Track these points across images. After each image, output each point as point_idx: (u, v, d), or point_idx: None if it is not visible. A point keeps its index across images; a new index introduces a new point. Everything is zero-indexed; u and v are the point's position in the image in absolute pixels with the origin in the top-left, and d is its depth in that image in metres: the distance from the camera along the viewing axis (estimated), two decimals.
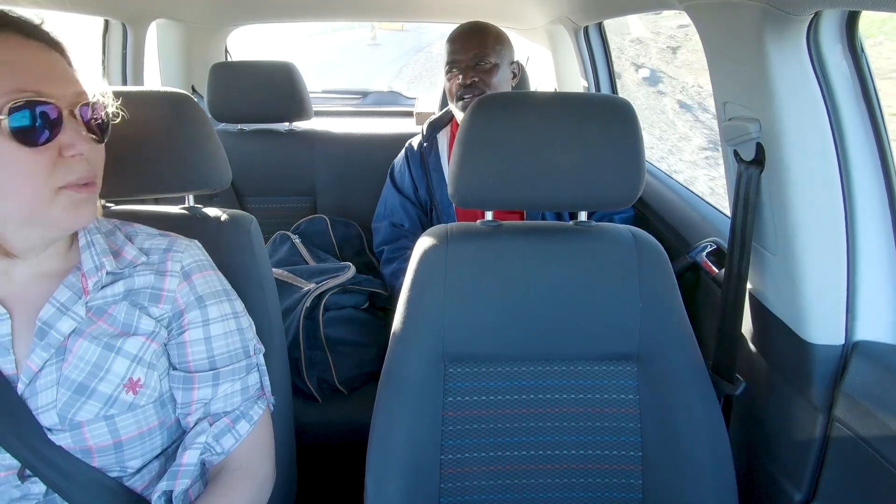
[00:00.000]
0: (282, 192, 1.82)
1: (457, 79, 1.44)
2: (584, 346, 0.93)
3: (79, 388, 0.67)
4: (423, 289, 0.93)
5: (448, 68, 1.47)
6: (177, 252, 0.76)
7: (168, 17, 1.93)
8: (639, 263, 0.93)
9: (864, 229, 0.84)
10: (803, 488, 0.90)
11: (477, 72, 1.42)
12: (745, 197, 0.91)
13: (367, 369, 1.37)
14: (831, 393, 0.85)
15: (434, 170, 1.54)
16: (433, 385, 0.91)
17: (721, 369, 1.00)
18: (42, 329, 0.67)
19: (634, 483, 0.91)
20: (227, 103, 1.71)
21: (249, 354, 0.79)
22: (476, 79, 1.42)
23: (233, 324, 0.78)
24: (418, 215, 1.58)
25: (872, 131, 0.82)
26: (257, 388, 0.79)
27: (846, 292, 0.85)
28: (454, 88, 1.46)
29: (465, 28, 1.48)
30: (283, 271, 1.44)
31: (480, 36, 1.45)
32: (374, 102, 3.01)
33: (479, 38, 1.44)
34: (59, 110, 0.61)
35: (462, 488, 0.91)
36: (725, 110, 0.95)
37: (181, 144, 0.88)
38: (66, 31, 0.68)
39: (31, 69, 0.61)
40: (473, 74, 1.42)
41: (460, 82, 1.43)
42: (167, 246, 0.76)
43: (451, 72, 1.46)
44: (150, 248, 0.75)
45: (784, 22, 0.77)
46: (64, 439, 0.67)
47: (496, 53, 1.45)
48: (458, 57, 1.44)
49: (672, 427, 0.89)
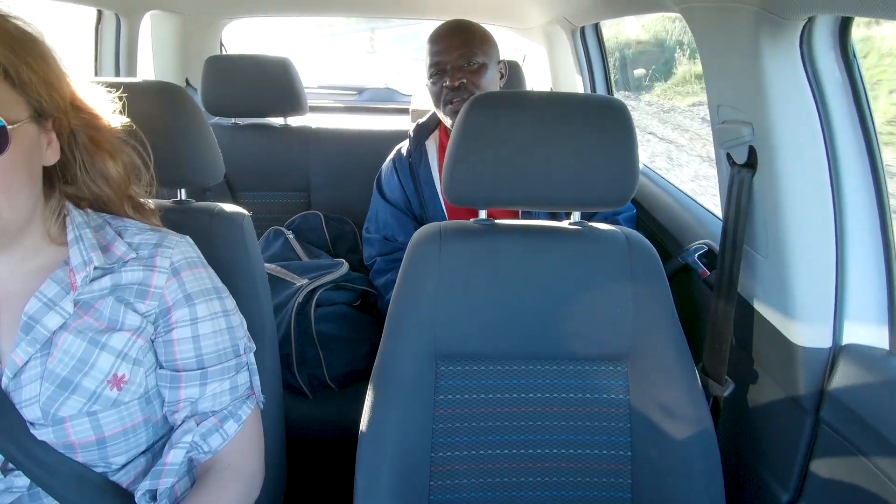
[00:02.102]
0: (275, 188, 1.81)
1: (443, 81, 1.32)
2: (575, 346, 0.93)
3: (63, 382, 0.66)
4: (416, 286, 0.93)
5: (432, 71, 1.35)
6: (167, 248, 0.74)
7: (163, 8, 1.91)
8: (631, 264, 0.94)
9: (854, 234, 0.84)
10: (790, 488, 0.91)
11: (464, 73, 1.31)
12: (737, 200, 0.92)
13: (359, 366, 1.37)
14: (818, 395, 0.86)
15: (426, 184, 1.43)
16: (424, 383, 0.91)
17: (710, 370, 1.01)
18: (28, 324, 0.66)
19: (623, 482, 0.92)
20: (222, 97, 1.70)
21: (239, 353, 0.78)
22: (464, 80, 1.31)
23: (222, 322, 0.76)
24: (413, 226, 1.42)
25: (863, 136, 0.83)
26: (247, 388, 0.78)
27: (834, 296, 0.86)
28: (440, 92, 1.33)
29: (447, 27, 1.36)
30: (275, 266, 1.43)
31: (465, 35, 1.33)
32: (369, 99, 3.00)
33: (463, 37, 1.33)
34: None
35: (452, 486, 0.91)
36: (719, 113, 0.95)
37: (174, 138, 0.88)
38: (58, 20, 0.66)
39: None
40: (461, 76, 1.31)
41: (447, 85, 1.31)
42: (157, 241, 0.75)
43: (436, 74, 1.34)
44: (139, 243, 0.74)
45: (778, 26, 0.77)
46: (46, 434, 0.66)
47: (483, 53, 1.33)
48: (443, 58, 1.32)
49: (661, 427, 0.90)
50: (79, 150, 0.71)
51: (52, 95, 0.65)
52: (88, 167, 0.72)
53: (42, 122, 0.65)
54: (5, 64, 0.60)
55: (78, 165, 0.71)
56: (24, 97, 0.63)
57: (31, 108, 0.64)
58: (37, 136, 0.65)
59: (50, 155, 0.67)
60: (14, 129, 0.60)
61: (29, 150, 0.63)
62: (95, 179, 0.73)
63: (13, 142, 0.60)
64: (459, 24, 1.37)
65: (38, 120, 0.65)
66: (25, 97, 0.63)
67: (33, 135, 0.64)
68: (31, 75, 0.62)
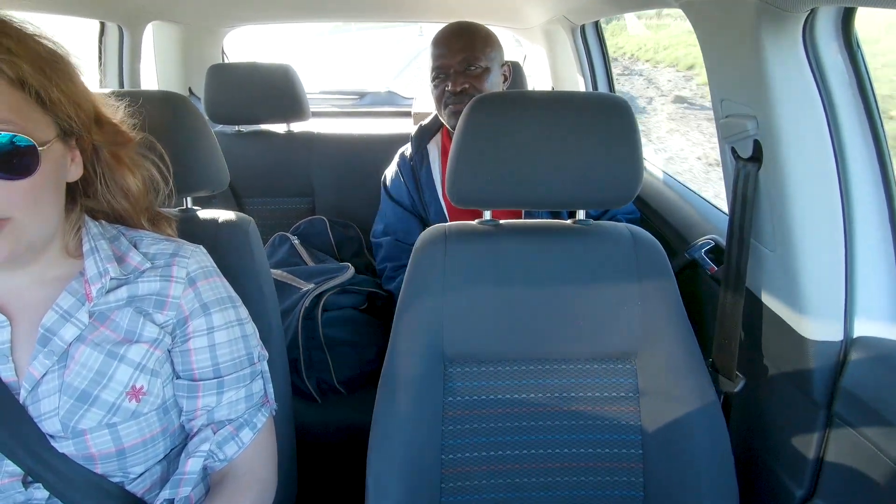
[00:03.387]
0: (280, 194, 1.82)
1: (445, 85, 1.33)
2: (583, 345, 0.93)
3: (81, 395, 0.66)
4: (422, 288, 0.93)
5: (435, 74, 1.36)
6: (182, 258, 0.75)
7: (164, 19, 1.93)
8: (637, 261, 0.93)
9: (862, 225, 0.84)
10: (804, 484, 0.90)
11: (467, 77, 1.32)
12: (743, 194, 0.92)
13: (367, 369, 1.37)
14: (831, 389, 0.85)
15: (427, 187, 1.44)
16: (433, 385, 0.91)
17: (720, 366, 1.00)
18: (45, 336, 0.66)
19: (635, 481, 0.91)
20: (225, 105, 1.71)
21: (254, 362, 0.78)
22: (466, 85, 1.31)
23: (237, 331, 0.77)
24: (419, 227, 1.45)
25: (869, 127, 0.82)
26: (261, 396, 0.79)
27: (844, 288, 0.85)
28: (442, 95, 1.35)
29: (451, 29, 1.36)
30: (281, 272, 1.43)
31: (469, 38, 1.34)
32: (371, 103, 3.01)
33: (467, 40, 1.33)
34: None
35: (463, 488, 0.91)
36: (722, 107, 0.95)
37: (179, 146, 0.88)
38: (63, 32, 0.67)
39: None
40: (463, 80, 1.31)
41: (450, 89, 1.32)
42: (173, 251, 0.75)
43: (439, 77, 1.35)
44: (155, 253, 0.75)
45: (780, 19, 0.77)
46: (67, 447, 0.67)
47: (486, 56, 1.34)
48: (446, 61, 1.33)
49: (672, 424, 0.89)
50: (100, 166, 0.72)
51: (78, 114, 0.66)
52: (109, 182, 0.73)
53: (67, 139, 0.66)
54: (37, 86, 0.61)
55: (99, 180, 0.72)
56: (52, 117, 0.64)
57: (59, 128, 0.65)
58: (63, 153, 0.66)
59: (73, 171, 0.68)
60: (44, 150, 0.61)
61: (56, 168, 0.64)
62: (115, 194, 0.74)
63: (43, 161, 0.61)
64: (463, 27, 1.37)
65: (65, 138, 0.66)
66: (54, 117, 0.64)
67: (60, 152, 0.65)
68: (59, 96, 0.63)
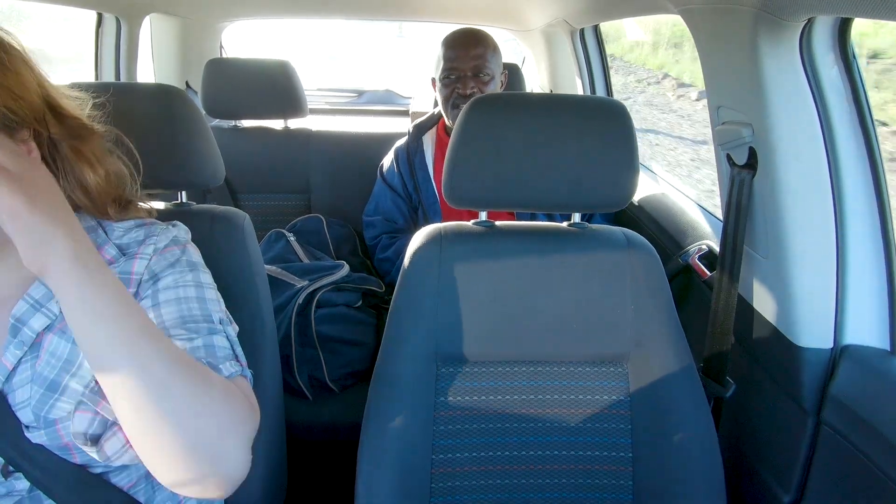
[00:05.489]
0: (276, 190, 1.82)
1: (455, 86, 1.45)
2: (576, 348, 0.93)
3: (51, 384, 0.66)
4: (417, 289, 0.93)
5: (445, 74, 1.47)
6: (152, 236, 0.74)
7: (162, 11, 1.92)
8: (631, 265, 0.94)
9: (854, 234, 0.84)
10: (791, 490, 0.90)
11: (477, 82, 1.44)
12: (738, 200, 0.92)
13: (359, 367, 1.37)
14: (820, 396, 0.86)
15: (420, 168, 1.56)
16: (425, 385, 0.91)
17: (711, 371, 1.01)
18: (15, 326, 0.66)
19: (625, 484, 0.92)
20: (222, 99, 1.71)
21: (212, 321, 0.72)
22: (475, 89, 1.44)
23: (192, 291, 0.72)
24: (410, 212, 1.61)
25: (863, 137, 0.83)
26: (228, 352, 0.71)
27: (835, 296, 0.86)
28: (451, 96, 1.46)
29: (465, 35, 1.48)
30: (276, 268, 1.43)
31: (482, 46, 1.46)
32: (369, 101, 3.01)
33: (480, 48, 1.46)
34: None
35: (453, 488, 0.91)
36: (719, 114, 0.95)
37: (175, 140, 0.88)
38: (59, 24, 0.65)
39: None
40: (473, 85, 1.44)
41: (460, 91, 1.44)
42: (144, 236, 0.74)
43: (449, 78, 1.46)
44: (127, 243, 0.74)
45: (777, 28, 0.78)
46: (40, 437, 0.66)
47: (494, 64, 1.47)
48: (459, 65, 1.45)
49: (662, 428, 0.90)
50: (60, 160, 0.69)
51: (21, 106, 0.63)
52: (68, 177, 0.70)
53: (13, 132, 0.63)
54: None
55: (59, 175, 0.69)
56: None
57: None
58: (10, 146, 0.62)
59: None
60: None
61: None
62: (74, 189, 0.71)
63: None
64: (476, 35, 1.49)
65: (8, 130, 0.62)
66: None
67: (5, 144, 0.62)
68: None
